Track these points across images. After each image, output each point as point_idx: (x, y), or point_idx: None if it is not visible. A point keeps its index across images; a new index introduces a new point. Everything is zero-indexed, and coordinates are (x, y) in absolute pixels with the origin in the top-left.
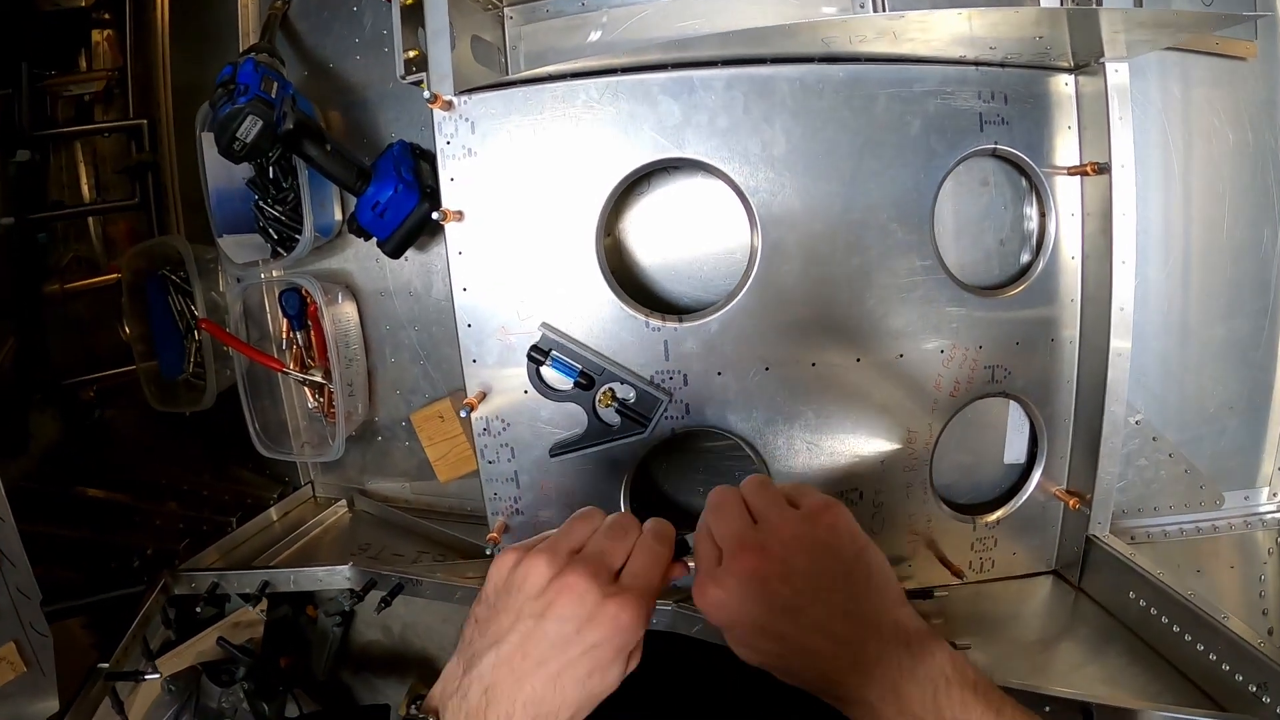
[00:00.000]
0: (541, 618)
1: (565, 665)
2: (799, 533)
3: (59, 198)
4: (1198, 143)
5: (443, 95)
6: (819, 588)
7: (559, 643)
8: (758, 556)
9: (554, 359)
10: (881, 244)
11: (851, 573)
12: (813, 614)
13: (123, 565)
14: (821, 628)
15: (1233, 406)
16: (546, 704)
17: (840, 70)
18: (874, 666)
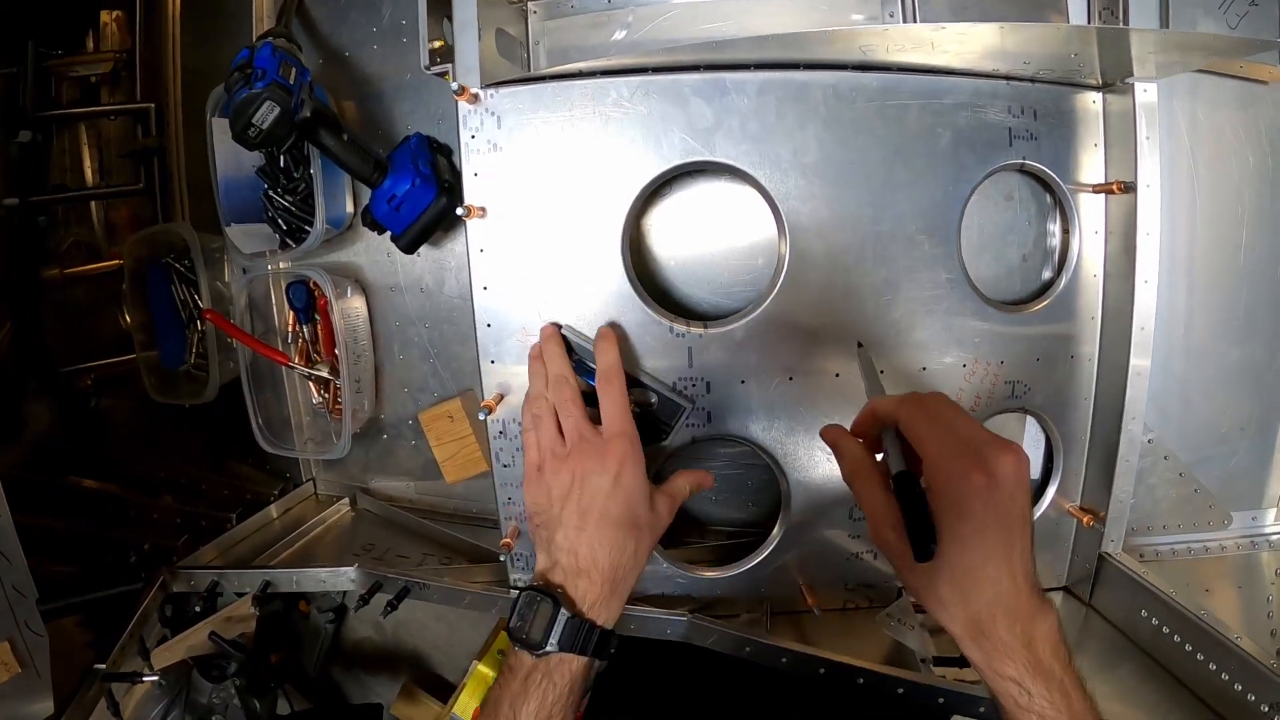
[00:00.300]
0: (581, 490)
1: (610, 503)
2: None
3: (61, 181)
4: (1218, 165)
5: (470, 88)
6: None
7: (598, 493)
8: (1018, 459)
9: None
10: (908, 256)
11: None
12: (1022, 534)
13: (119, 560)
14: (1022, 548)
15: (1244, 428)
16: (612, 536)
17: (874, 79)
18: (1028, 608)
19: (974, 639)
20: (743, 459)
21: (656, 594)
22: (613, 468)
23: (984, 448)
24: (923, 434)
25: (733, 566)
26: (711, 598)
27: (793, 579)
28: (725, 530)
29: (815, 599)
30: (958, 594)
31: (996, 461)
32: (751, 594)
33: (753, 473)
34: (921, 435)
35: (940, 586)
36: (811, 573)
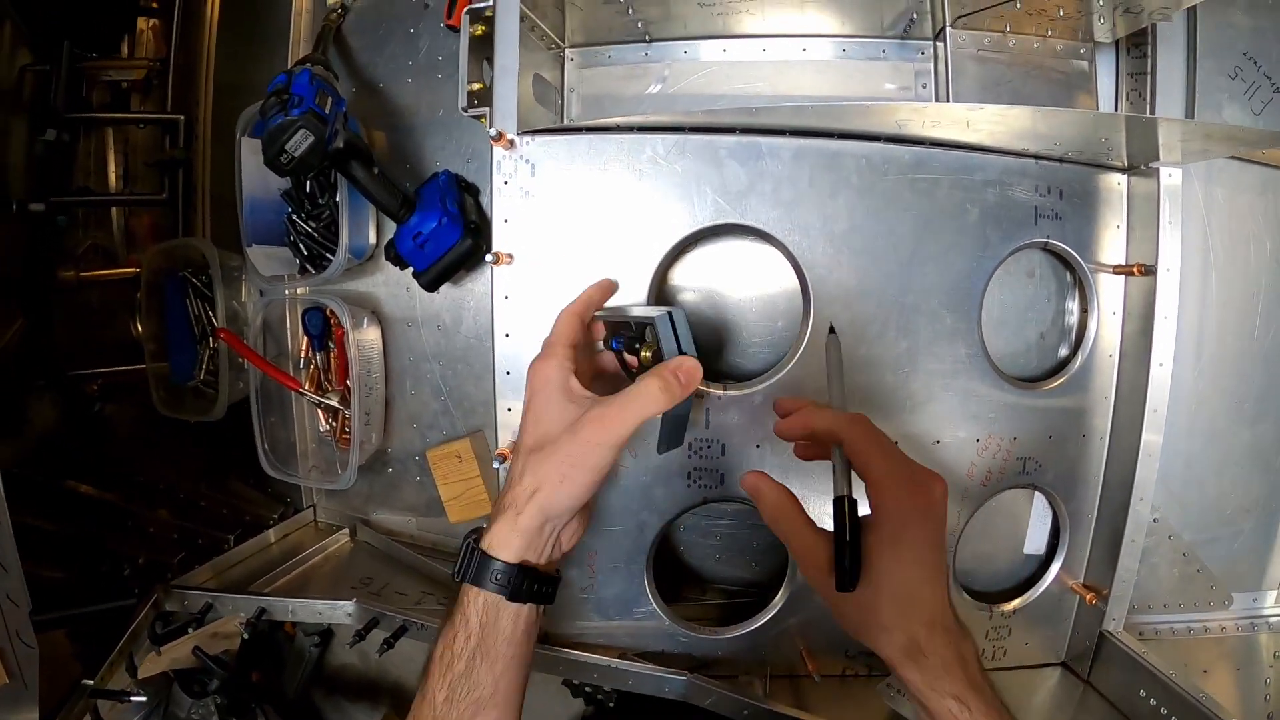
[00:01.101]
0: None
1: (522, 432)
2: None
3: (85, 183)
4: (1237, 248)
5: (507, 134)
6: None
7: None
8: (945, 486)
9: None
10: (930, 329)
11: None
12: (944, 556)
13: (113, 571)
14: (941, 577)
15: (1249, 510)
16: (518, 464)
17: (907, 152)
18: (954, 626)
19: (913, 659)
20: (749, 518)
21: (656, 650)
22: (526, 396)
23: (919, 473)
24: (870, 456)
25: (735, 627)
26: (711, 657)
27: (793, 643)
28: (727, 589)
29: (815, 665)
30: (898, 614)
31: (932, 486)
32: (752, 656)
33: (758, 533)
34: (868, 457)
35: (881, 608)
36: (813, 638)
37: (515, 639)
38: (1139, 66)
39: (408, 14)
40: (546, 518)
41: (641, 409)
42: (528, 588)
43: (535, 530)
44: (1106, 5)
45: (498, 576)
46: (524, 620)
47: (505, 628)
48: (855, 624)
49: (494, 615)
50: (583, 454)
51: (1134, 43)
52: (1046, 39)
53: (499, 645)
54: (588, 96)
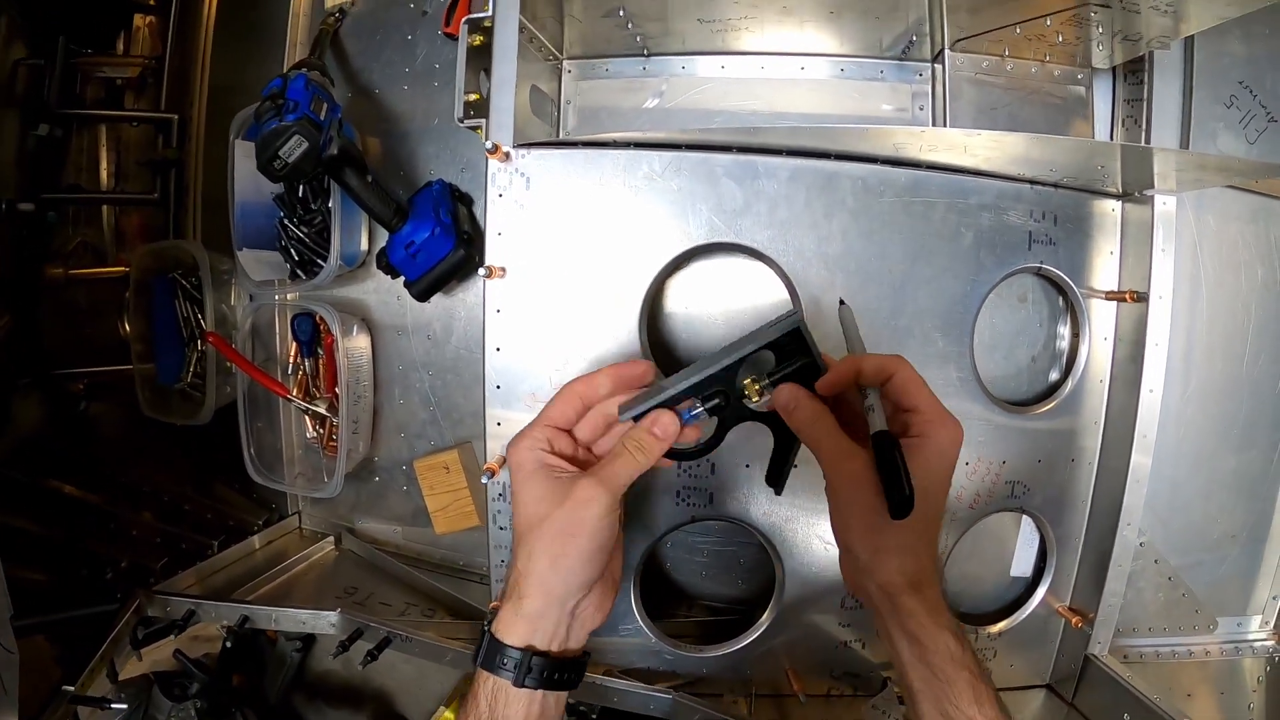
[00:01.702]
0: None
1: (515, 519)
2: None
3: (76, 180)
4: (1227, 276)
5: (503, 146)
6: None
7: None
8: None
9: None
10: (923, 352)
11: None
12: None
13: (94, 574)
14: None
15: (1235, 536)
16: (516, 550)
17: (903, 174)
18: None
19: (919, 589)
20: (736, 536)
21: (641, 667)
22: (510, 478)
23: (951, 416)
24: (920, 389)
25: (721, 646)
26: (696, 675)
27: (779, 663)
28: (713, 605)
29: (801, 684)
30: (919, 540)
31: (960, 425)
32: (737, 675)
33: (745, 551)
34: (918, 390)
35: (906, 535)
36: (798, 658)
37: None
38: (1135, 93)
39: (405, 20)
40: (550, 599)
41: (624, 470)
42: (538, 674)
43: (539, 614)
44: (1106, 32)
45: (504, 662)
46: (537, 705)
47: (516, 711)
48: (873, 549)
49: (504, 700)
50: (573, 525)
51: (1131, 69)
52: (1044, 64)
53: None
54: (584, 109)
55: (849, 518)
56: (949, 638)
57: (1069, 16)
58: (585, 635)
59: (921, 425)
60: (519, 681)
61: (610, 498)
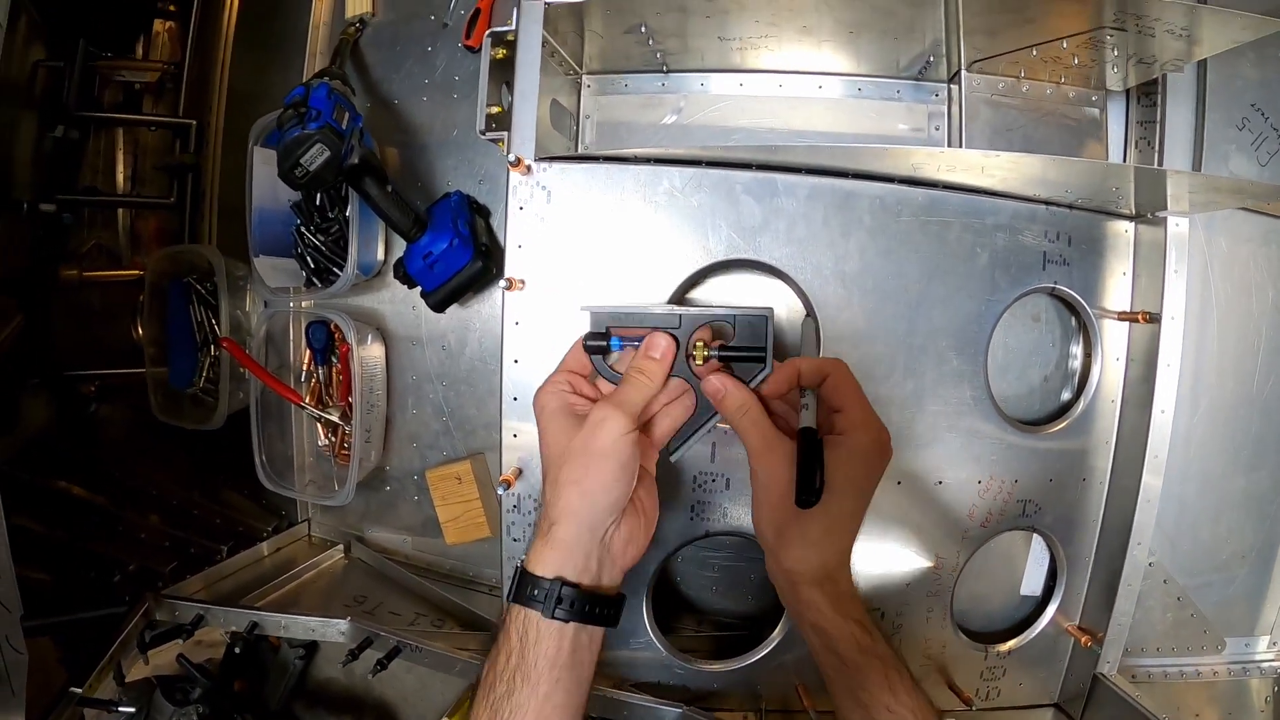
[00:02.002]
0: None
1: (542, 438)
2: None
3: (92, 183)
4: (1239, 297)
5: (525, 159)
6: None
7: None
8: (888, 441)
9: (616, 340)
10: (937, 371)
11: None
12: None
13: (102, 577)
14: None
15: (1244, 556)
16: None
17: (920, 194)
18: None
19: (822, 582)
20: (747, 552)
21: (652, 681)
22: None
23: (879, 421)
24: (850, 392)
25: (732, 661)
26: (707, 690)
27: (789, 679)
28: (722, 621)
29: (811, 702)
30: (827, 535)
31: (886, 434)
32: (747, 690)
33: (755, 566)
34: (848, 393)
35: (814, 527)
36: (809, 675)
37: (559, 661)
38: (1149, 115)
39: (425, 32)
40: (579, 524)
41: (633, 392)
42: (568, 605)
43: (569, 542)
44: (1120, 55)
45: (535, 593)
46: (569, 641)
47: (547, 648)
48: (782, 535)
49: (534, 634)
50: (592, 447)
51: (1144, 92)
52: (1060, 86)
53: (540, 666)
54: (603, 124)
55: (763, 505)
56: (854, 628)
57: (1085, 39)
58: (620, 573)
59: (844, 425)
60: (549, 613)
61: (624, 417)
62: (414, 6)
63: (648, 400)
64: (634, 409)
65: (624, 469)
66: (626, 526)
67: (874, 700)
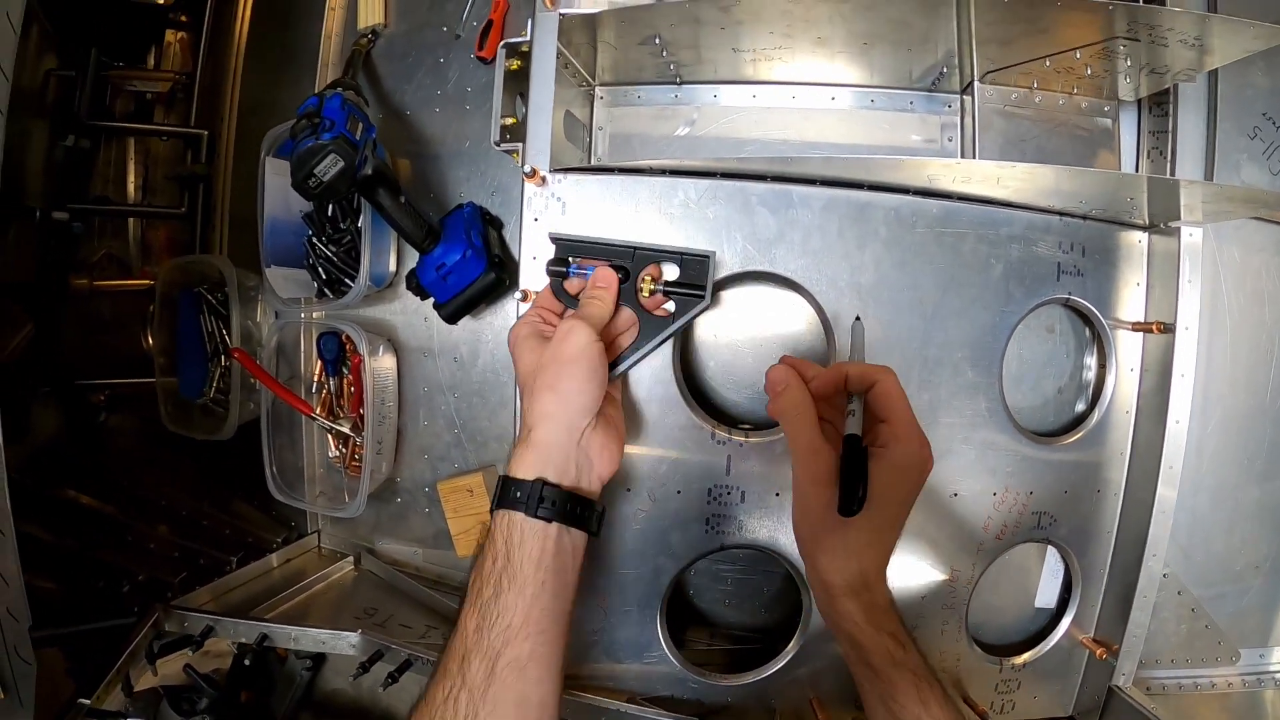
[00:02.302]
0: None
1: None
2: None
3: (103, 192)
4: (1252, 306)
5: (540, 171)
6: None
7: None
8: (930, 456)
9: (574, 268)
10: (952, 383)
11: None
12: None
13: (111, 587)
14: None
15: (1259, 566)
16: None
17: (935, 205)
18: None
19: (858, 593)
20: (760, 565)
21: (666, 695)
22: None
23: (925, 439)
24: (898, 402)
25: (745, 675)
26: (720, 704)
27: (804, 693)
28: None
29: (826, 715)
30: (866, 546)
31: (929, 448)
32: (761, 704)
33: (769, 579)
34: (896, 403)
35: (852, 536)
36: (824, 689)
37: (544, 563)
38: (1160, 125)
39: (438, 43)
40: (555, 425)
41: (591, 309)
42: (549, 504)
43: (547, 443)
44: (1134, 66)
45: (517, 494)
46: (552, 542)
47: (531, 549)
48: (820, 542)
49: (519, 536)
50: (564, 354)
51: (1156, 101)
52: (1072, 96)
53: (525, 568)
54: (616, 135)
55: (804, 511)
56: (887, 641)
57: (1098, 50)
58: (598, 482)
59: (888, 437)
60: (532, 511)
61: (586, 328)
62: (426, 17)
63: (604, 318)
64: (595, 322)
65: (594, 372)
66: (600, 434)
67: (905, 712)
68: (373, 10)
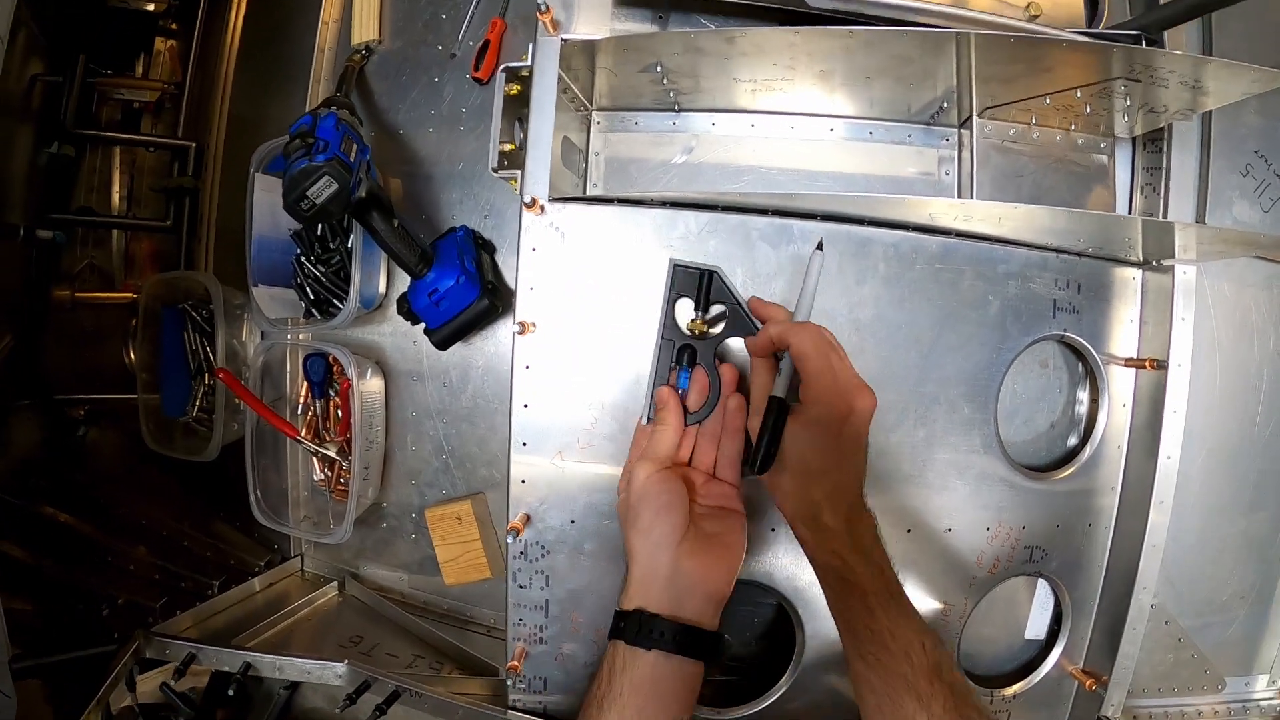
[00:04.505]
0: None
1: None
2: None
3: (87, 202)
4: (1241, 341)
5: (540, 200)
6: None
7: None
8: (871, 399)
9: (684, 372)
10: (948, 419)
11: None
12: (865, 457)
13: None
14: (861, 468)
15: (1244, 596)
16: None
17: (935, 242)
18: (859, 510)
19: (806, 521)
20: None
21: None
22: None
23: (845, 384)
24: (808, 361)
25: (737, 709)
26: None
27: None
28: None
29: None
30: (799, 487)
31: (854, 398)
32: None
33: (759, 610)
34: (806, 362)
35: (786, 479)
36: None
37: (642, 688)
38: (1155, 161)
39: (433, 62)
40: (643, 562)
41: (657, 443)
42: (648, 632)
43: (642, 577)
44: (1132, 105)
45: (620, 624)
46: (650, 668)
47: (632, 675)
48: (770, 486)
49: (620, 662)
50: (634, 496)
51: (1150, 138)
52: (1069, 132)
53: (625, 692)
54: (612, 160)
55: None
56: (835, 559)
57: (1099, 89)
58: (704, 604)
59: (805, 397)
60: (630, 639)
61: (648, 462)
62: (421, 35)
63: (673, 445)
64: (657, 454)
65: (663, 502)
66: (701, 556)
67: (855, 623)
68: (367, 26)
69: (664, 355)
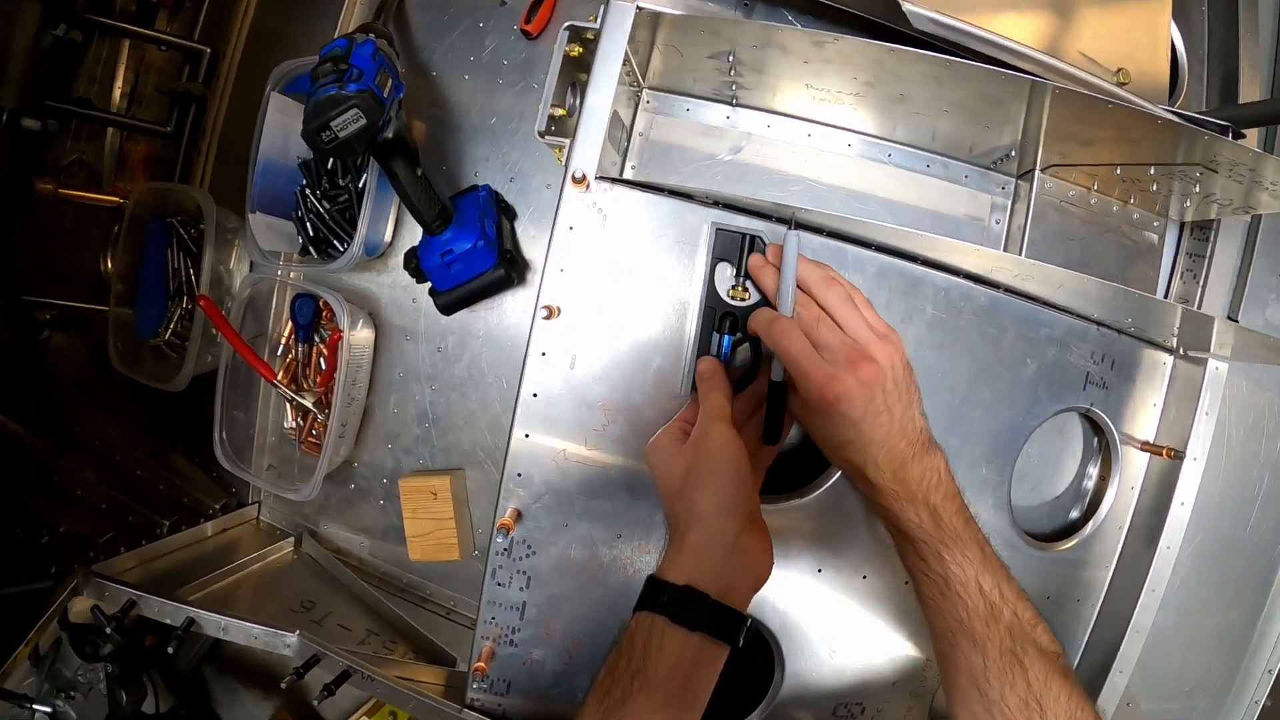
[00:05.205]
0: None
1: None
2: (889, 351)
3: (86, 93)
4: (1250, 441)
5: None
6: (899, 396)
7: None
8: (872, 366)
9: (727, 339)
10: (966, 477)
11: (910, 386)
12: (895, 414)
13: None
14: (893, 427)
15: (1207, 690)
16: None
17: (984, 294)
18: (908, 462)
19: (853, 479)
20: None
21: None
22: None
23: (817, 374)
24: (791, 362)
25: None
26: None
27: None
28: None
29: None
30: (832, 454)
31: (826, 386)
32: None
33: None
34: (790, 363)
35: (822, 446)
36: None
37: (680, 671)
38: (1199, 249)
39: (479, 6)
40: (710, 528)
41: (710, 403)
42: (696, 613)
43: (704, 546)
44: (1199, 191)
45: (664, 598)
46: (692, 651)
47: (670, 654)
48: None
49: (659, 640)
50: (706, 453)
51: (1199, 225)
52: (1127, 205)
53: (660, 673)
54: (655, 143)
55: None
56: (881, 510)
57: (1175, 170)
58: (749, 589)
59: (796, 384)
60: (677, 618)
61: (719, 421)
62: None
63: (725, 403)
64: (721, 411)
65: (737, 467)
66: (756, 538)
67: (913, 567)
68: None
69: (705, 324)
